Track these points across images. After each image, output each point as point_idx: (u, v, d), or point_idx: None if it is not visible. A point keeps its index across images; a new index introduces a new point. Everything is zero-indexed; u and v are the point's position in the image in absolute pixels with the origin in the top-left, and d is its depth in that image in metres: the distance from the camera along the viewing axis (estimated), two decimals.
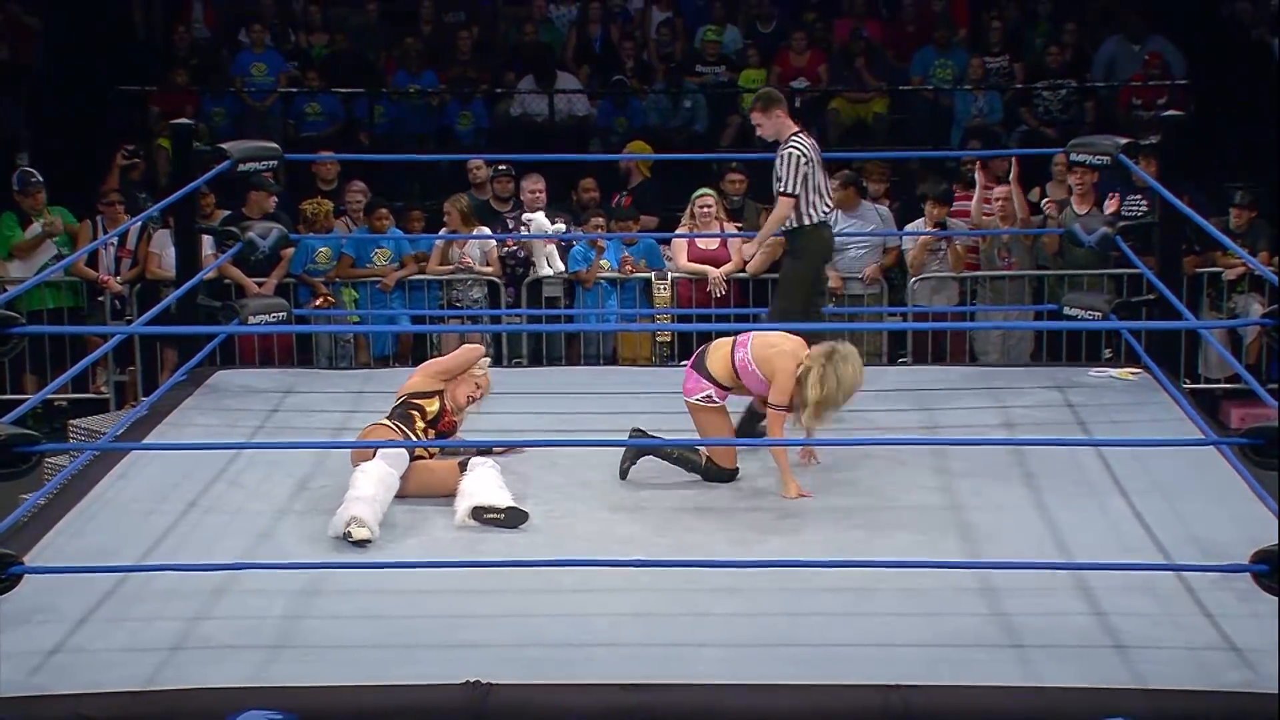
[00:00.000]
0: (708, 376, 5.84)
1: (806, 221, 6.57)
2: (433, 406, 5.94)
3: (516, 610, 4.78)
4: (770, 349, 5.76)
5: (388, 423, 5.87)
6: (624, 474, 5.90)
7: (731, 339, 5.90)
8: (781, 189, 6.51)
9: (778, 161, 6.54)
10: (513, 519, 5.43)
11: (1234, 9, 12.31)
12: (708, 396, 5.85)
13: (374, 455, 5.55)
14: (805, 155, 6.51)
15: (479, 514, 5.45)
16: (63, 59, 12.25)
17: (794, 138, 6.56)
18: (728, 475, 5.87)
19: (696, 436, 5.96)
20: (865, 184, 9.22)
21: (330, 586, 4.93)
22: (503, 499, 5.48)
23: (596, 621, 4.72)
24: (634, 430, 5.99)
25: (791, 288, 6.69)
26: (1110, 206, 8.84)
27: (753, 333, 5.93)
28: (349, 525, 5.29)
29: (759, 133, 6.71)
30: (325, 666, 4.45)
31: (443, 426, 5.97)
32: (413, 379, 6.07)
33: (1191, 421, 6.34)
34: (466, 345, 6.36)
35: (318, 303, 8.70)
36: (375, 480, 5.44)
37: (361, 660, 4.48)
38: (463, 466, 5.64)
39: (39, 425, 6.80)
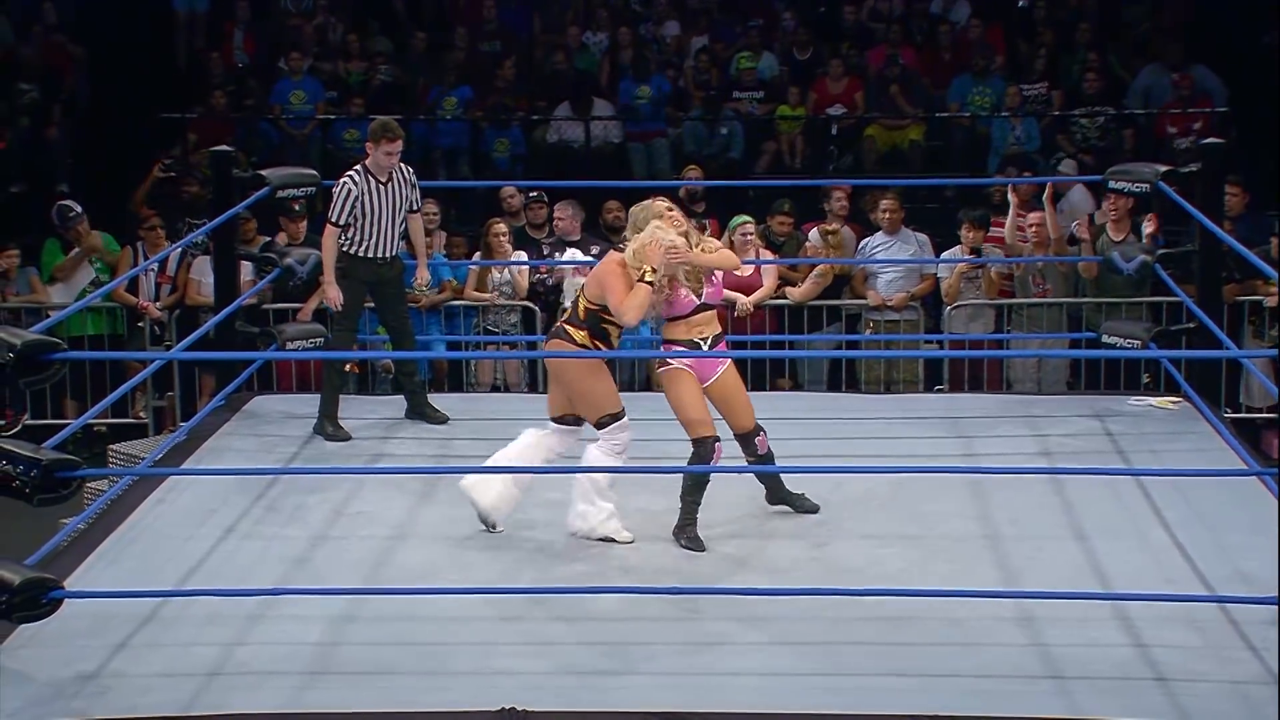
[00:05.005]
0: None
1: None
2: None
3: (551, 638, 4.79)
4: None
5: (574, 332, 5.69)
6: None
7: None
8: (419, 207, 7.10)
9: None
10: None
11: (1275, 37, 12.24)
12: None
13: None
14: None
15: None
16: (105, 86, 12.38)
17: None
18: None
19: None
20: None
21: (366, 613, 4.94)
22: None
23: (631, 649, 4.71)
24: None
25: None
26: (1148, 229, 8.77)
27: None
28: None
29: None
30: (361, 693, 4.46)
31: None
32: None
33: (1233, 451, 6.28)
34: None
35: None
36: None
37: (397, 687, 4.49)
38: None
39: (79, 450, 6.85)
